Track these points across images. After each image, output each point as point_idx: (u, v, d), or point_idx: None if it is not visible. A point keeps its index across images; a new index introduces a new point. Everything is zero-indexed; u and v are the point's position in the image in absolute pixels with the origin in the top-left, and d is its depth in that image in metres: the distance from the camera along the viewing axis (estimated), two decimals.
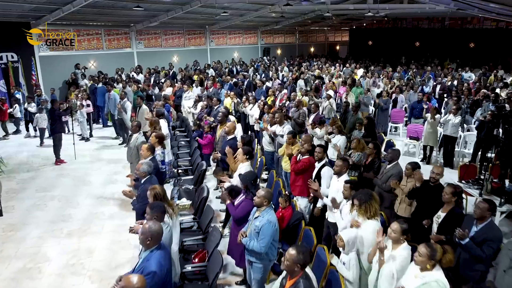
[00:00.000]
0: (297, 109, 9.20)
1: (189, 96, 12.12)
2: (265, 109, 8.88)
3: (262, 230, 3.91)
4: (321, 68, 19.33)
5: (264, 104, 9.22)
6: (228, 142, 6.46)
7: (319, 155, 5.40)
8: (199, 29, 21.26)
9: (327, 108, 10.29)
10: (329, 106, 10.33)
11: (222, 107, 8.93)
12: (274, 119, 7.73)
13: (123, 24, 17.37)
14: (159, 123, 7.40)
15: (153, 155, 5.64)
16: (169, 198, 4.66)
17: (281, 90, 11.42)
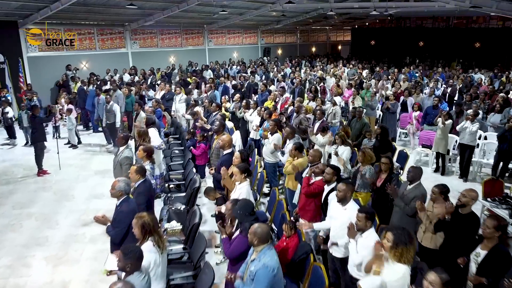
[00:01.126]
0: (297, 114, 8.44)
1: (183, 99, 11.36)
2: (265, 115, 8.12)
3: (257, 277, 3.14)
4: (324, 69, 18.57)
5: (265, 111, 8.46)
6: (223, 158, 5.70)
7: (327, 177, 4.64)
8: (197, 28, 20.50)
9: (331, 114, 9.54)
10: (334, 112, 9.57)
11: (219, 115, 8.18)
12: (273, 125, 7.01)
13: (117, 23, 16.62)
14: (148, 134, 6.63)
15: (144, 178, 4.87)
16: (158, 224, 3.91)
17: (282, 94, 10.65)
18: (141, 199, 4.62)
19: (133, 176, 4.78)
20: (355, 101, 11.29)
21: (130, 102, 10.69)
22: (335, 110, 9.60)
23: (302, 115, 8.31)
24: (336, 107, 9.69)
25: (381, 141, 7.11)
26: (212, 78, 13.56)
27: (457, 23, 28.11)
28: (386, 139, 7.19)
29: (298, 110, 8.39)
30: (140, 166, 4.91)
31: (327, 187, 4.70)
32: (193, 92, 12.16)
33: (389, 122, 10.80)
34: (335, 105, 9.72)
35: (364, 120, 8.22)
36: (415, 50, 28.47)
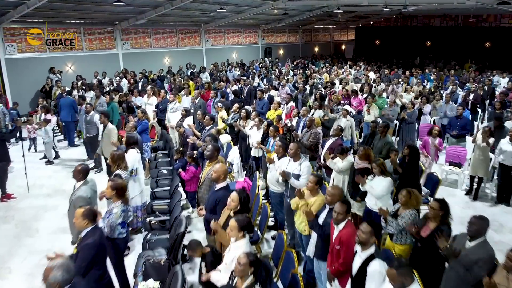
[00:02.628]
0: (308, 129, 7.16)
1: (176, 107, 10.09)
2: (270, 131, 6.83)
3: None
4: (329, 71, 17.27)
5: (268, 126, 7.18)
6: (216, 196, 4.39)
7: (363, 238, 3.35)
8: (193, 27, 19.22)
9: (346, 129, 8.25)
10: (348, 124, 8.29)
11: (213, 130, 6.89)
12: (281, 148, 5.72)
13: (106, 22, 15.34)
14: (124, 159, 5.36)
15: (93, 224, 3.63)
16: None
17: (288, 102, 9.36)
18: (83, 259, 3.40)
19: (78, 222, 3.57)
20: (370, 110, 10.00)
21: (111, 109, 9.41)
22: (350, 122, 8.31)
23: (313, 130, 7.03)
24: (350, 119, 8.40)
25: (410, 165, 5.83)
26: (208, 83, 12.25)
27: (466, 22, 26.95)
28: (415, 163, 5.91)
29: (310, 124, 7.07)
30: (89, 210, 3.67)
31: (359, 250, 3.42)
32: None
33: (407, 134, 9.57)
34: (347, 115, 8.42)
35: (388, 138, 6.93)
36: (423, 50, 27.27)
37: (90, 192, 4.78)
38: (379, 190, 4.95)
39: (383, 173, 5.06)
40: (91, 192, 4.79)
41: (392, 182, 5.09)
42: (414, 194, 4.26)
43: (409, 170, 5.78)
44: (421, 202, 4.36)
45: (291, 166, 5.29)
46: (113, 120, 9.58)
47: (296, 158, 5.25)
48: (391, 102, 10.10)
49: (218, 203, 4.23)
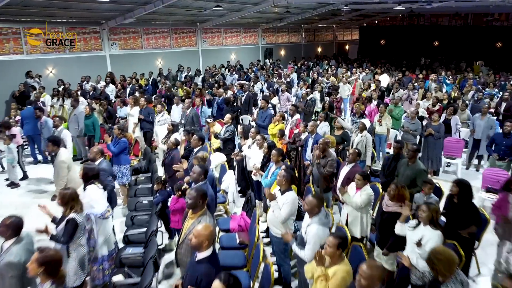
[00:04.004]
0: (323, 154, 5.78)
1: (164, 119, 8.77)
2: (273, 156, 5.47)
3: None
4: (335, 75, 15.92)
5: (269, 148, 5.83)
6: (196, 271, 2.99)
7: None
8: (188, 27, 17.87)
9: (360, 145, 6.91)
10: (363, 142, 6.94)
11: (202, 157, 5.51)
12: (284, 180, 4.41)
13: (91, 20, 13.99)
14: (78, 200, 4.02)
15: None
16: None
17: (293, 113, 8.00)
18: None
19: None
20: (383, 121, 8.66)
21: (91, 124, 8.08)
22: (365, 139, 6.96)
23: (330, 158, 5.66)
24: (367, 135, 7.05)
25: (460, 208, 4.48)
26: (199, 88, 10.89)
27: (476, 21, 25.70)
28: (468, 204, 4.53)
29: (325, 148, 5.69)
30: None
31: None
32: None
33: (433, 151, 8.24)
34: (364, 129, 7.06)
35: (419, 164, 5.55)
36: (430, 51, 26.00)
37: (24, 255, 3.45)
38: (428, 247, 3.62)
39: (433, 223, 3.74)
40: (25, 254, 3.47)
41: (442, 236, 3.76)
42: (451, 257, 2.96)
43: (460, 215, 4.44)
44: (457, 260, 3.05)
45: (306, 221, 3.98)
46: (95, 136, 8.24)
47: (312, 216, 3.91)
48: (413, 114, 8.71)
49: (200, 284, 2.89)
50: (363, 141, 6.87)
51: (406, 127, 8.52)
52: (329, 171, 5.54)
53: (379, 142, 8.74)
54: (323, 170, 5.57)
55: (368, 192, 4.78)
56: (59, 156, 5.95)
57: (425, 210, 3.90)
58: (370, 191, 4.79)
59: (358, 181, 4.78)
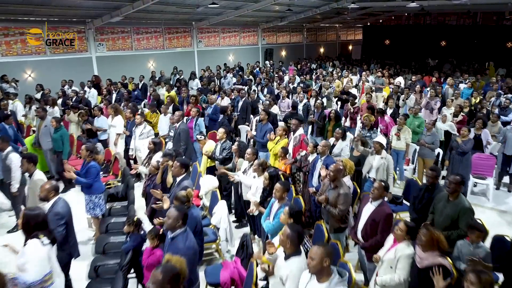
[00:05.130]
0: (334, 185, 4.58)
1: (146, 132, 7.57)
2: (275, 191, 4.27)
3: None
4: (340, 77, 14.70)
5: (270, 179, 4.63)
6: None
7: None
8: (183, 26, 16.68)
9: (380, 170, 5.70)
10: (384, 165, 5.73)
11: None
12: (288, 240, 3.22)
13: (75, 19, 12.79)
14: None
15: None
16: None
17: (296, 128, 6.77)
18: None
19: None
20: (401, 135, 7.48)
21: (60, 138, 6.87)
22: (386, 161, 5.75)
23: (342, 188, 4.45)
24: (387, 156, 5.84)
25: None
26: (194, 95, 9.69)
27: (486, 20, 24.57)
28: None
29: (336, 176, 4.48)
30: None
31: None
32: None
33: (460, 168, 7.06)
34: (381, 149, 5.84)
35: (463, 201, 4.34)
36: (437, 51, 24.86)
37: None
38: None
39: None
40: None
41: None
42: None
43: None
44: None
45: None
46: (63, 153, 7.04)
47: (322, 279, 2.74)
48: (430, 125, 7.55)
49: None
50: (383, 164, 5.66)
51: (422, 141, 7.37)
52: (342, 211, 4.34)
53: (396, 159, 7.54)
54: (333, 210, 4.38)
55: (409, 254, 3.61)
56: (35, 174, 4.97)
57: (474, 281, 2.76)
58: (411, 251, 3.61)
59: (398, 233, 3.62)
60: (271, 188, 4.51)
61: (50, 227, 3.64)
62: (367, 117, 7.73)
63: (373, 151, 5.88)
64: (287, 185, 4.22)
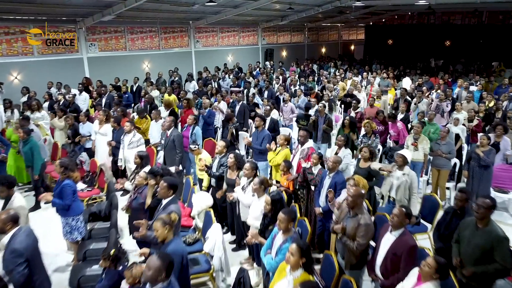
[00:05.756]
0: (352, 212, 3.89)
1: (136, 141, 6.92)
2: (280, 222, 3.56)
3: None
4: (343, 78, 14.03)
5: (273, 204, 3.94)
6: None
7: None
8: (179, 25, 16.01)
9: (401, 189, 5.00)
10: (406, 183, 5.00)
11: None
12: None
13: (65, 18, 12.12)
14: None
15: None
16: None
17: (304, 140, 6.05)
18: None
19: None
20: (419, 144, 6.81)
21: (29, 151, 6.16)
22: (409, 179, 5.00)
23: (361, 216, 3.76)
24: (411, 172, 5.09)
25: None
26: (187, 100, 8.99)
27: (492, 19, 23.92)
28: None
29: (356, 203, 3.77)
30: None
31: None
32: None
33: (480, 182, 6.42)
34: (405, 165, 5.12)
35: (495, 229, 3.63)
36: (441, 51, 24.20)
37: None
38: None
39: None
40: None
41: None
42: None
43: None
44: None
45: None
46: (35, 168, 6.28)
47: None
48: (444, 133, 6.87)
49: None
50: (405, 182, 4.95)
51: (436, 150, 6.70)
52: (361, 245, 3.66)
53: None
54: (351, 243, 3.70)
55: None
56: (15, 201, 4.32)
57: None
58: None
59: (426, 270, 2.98)
60: (273, 215, 3.84)
61: (7, 268, 2.99)
62: (368, 124, 7.11)
63: (395, 166, 5.17)
64: (292, 215, 3.54)
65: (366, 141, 7.07)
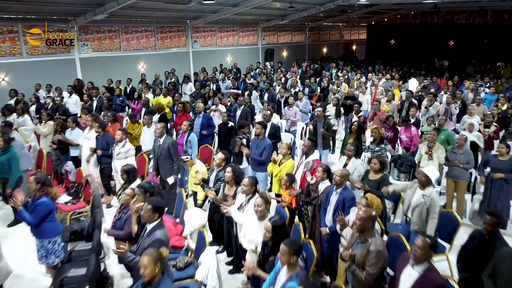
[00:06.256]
0: (362, 237, 3.36)
1: (125, 151, 6.38)
2: (283, 256, 3.01)
3: None
4: (348, 81, 13.48)
5: (274, 231, 3.39)
6: None
7: None
8: (176, 25, 15.46)
9: (418, 210, 4.41)
10: (425, 205, 4.40)
11: None
12: None
13: (55, 16, 11.56)
14: None
15: None
16: None
17: (308, 151, 5.48)
18: None
19: None
20: (434, 153, 6.27)
21: (7, 161, 5.58)
22: (429, 201, 4.40)
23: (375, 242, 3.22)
24: (433, 193, 4.46)
25: None
26: (182, 103, 8.42)
27: (497, 18, 23.41)
28: None
29: (365, 226, 3.20)
30: None
31: None
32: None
33: (499, 196, 5.89)
34: (428, 185, 4.47)
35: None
36: (445, 51, 23.69)
37: None
38: None
39: None
40: None
41: None
42: None
43: None
44: None
45: None
46: (10, 181, 5.69)
47: None
48: (462, 141, 6.30)
49: None
50: (424, 204, 4.38)
51: (453, 160, 6.12)
52: (371, 275, 3.12)
53: None
54: (360, 273, 3.16)
55: None
56: None
57: None
58: None
59: None
60: (274, 244, 3.30)
61: None
62: (377, 130, 6.54)
63: (415, 185, 4.59)
64: (295, 247, 2.96)
65: (373, 148, 6.53)
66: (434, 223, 4.27)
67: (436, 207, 4.27)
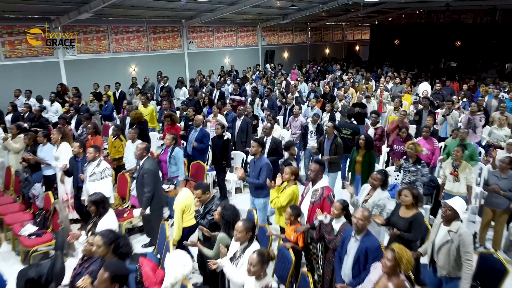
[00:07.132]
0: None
1: (100, 172, 5.41)
2: None
3: None
4: (354, 84, 12.51)
5: None
6: None
7: None
8: (171, 24, 14.51)
9: (446, 251, 3.48)
10: (453, 244, 3.50)
11: None
12: None
13: (36, 16, 10.61)
14: None
15: None
16: None
17: (316, 176, 4.49)
18: None
19: None
20: (460, 174, 5.32)
21: None
22: (458, 239, 3.49)
23: None
24: (461, 229, 3.56)
25: None
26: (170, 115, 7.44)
27: (505, 17, 22.53)
28: None
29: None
30: None
31: None
32: None
33: None
34: (456, 221, 3.61)
35: None
36: (451, 51, 22.82)
37: None
38: None
39: None
40: None
41: None
42: None
43: None
44: None
45: None
46: None
47: None
48: (505, 164, 5.16)
49: None
50: (451, 243, 3.46)
51: (494, 185, 5.13)
52: None
53: None
54: None
55: None
56: None
57: None
58: None
59: None
60: None
61: None
62: (413, 146, 5.53)
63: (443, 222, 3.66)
64: None
65: (409, 167, 5.46)
66: (469, 267, 3.35)
67: (469, 246, 3.36)
